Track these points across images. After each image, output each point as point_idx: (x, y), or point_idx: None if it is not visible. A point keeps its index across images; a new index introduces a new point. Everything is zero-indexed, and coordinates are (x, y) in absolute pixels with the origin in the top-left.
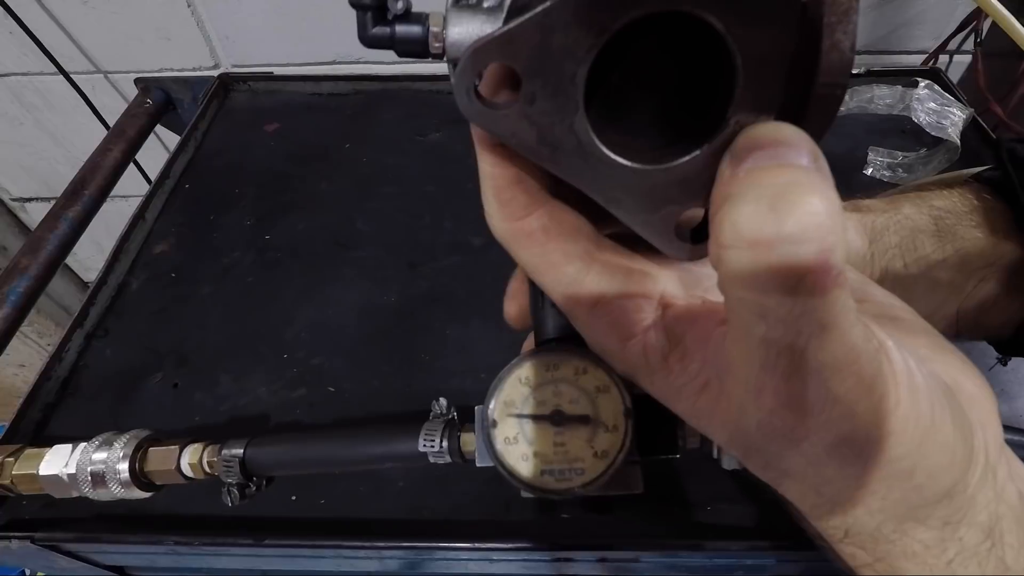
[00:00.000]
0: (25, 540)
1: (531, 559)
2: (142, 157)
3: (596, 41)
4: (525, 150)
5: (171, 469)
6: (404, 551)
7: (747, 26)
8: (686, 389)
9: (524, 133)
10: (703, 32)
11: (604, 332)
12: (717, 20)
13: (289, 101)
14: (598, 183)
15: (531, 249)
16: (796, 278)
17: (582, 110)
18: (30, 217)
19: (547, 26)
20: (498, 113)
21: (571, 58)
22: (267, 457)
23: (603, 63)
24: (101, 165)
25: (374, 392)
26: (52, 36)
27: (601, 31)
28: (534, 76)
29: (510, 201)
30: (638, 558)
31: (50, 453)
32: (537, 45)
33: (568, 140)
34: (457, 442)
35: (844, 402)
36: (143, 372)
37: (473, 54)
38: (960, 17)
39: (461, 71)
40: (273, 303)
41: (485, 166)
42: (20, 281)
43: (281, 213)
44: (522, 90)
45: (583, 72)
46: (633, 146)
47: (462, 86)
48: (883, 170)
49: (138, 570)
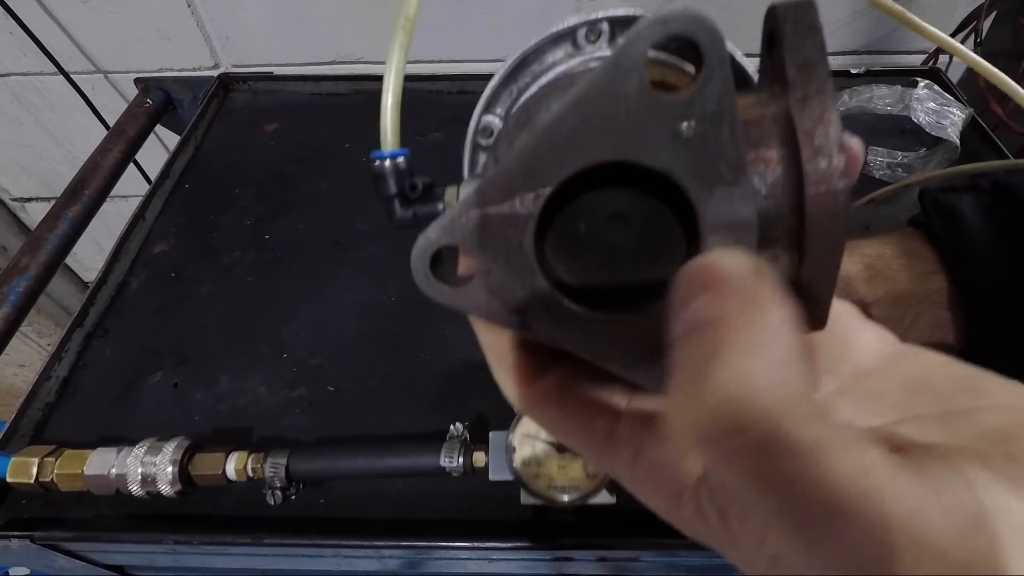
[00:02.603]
0: (25, 540)
1: (531, 558)
2: (142, 157)
3: (534, 207)
4: (497, 321)
5: (217, 473)
6: (403, 550)
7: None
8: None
9: (490, 304)
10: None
11: (652, 489)
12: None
13: (289, 101)
14: (580, 342)
15: (552, 412)
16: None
17: (539, 274)
18: (30, 217)
19: (480, 202)
20: (460, 290)
21: (513, 227)
22: (308, 465)
23: (557, 209)
24: (101, 165)
25: (374, 392)
26: (52, 36)
27: (536, 197)
28: (483, 250)
29: (517, 367)
30: (638, 558)
31: (94, 455)
32: (476, 223)
33: (534, 304)
34: (470, 459)
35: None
36: (143, 372)
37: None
38: (960, 17)
39: (414, 258)
40: (273, 303)
41: (483, 337)
42: (20, 281)
43: (281, 213)
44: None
45: (529, 239)
46: (615, 296)
47: (419, 271)
48: (883, 170)
49: (138, 570)
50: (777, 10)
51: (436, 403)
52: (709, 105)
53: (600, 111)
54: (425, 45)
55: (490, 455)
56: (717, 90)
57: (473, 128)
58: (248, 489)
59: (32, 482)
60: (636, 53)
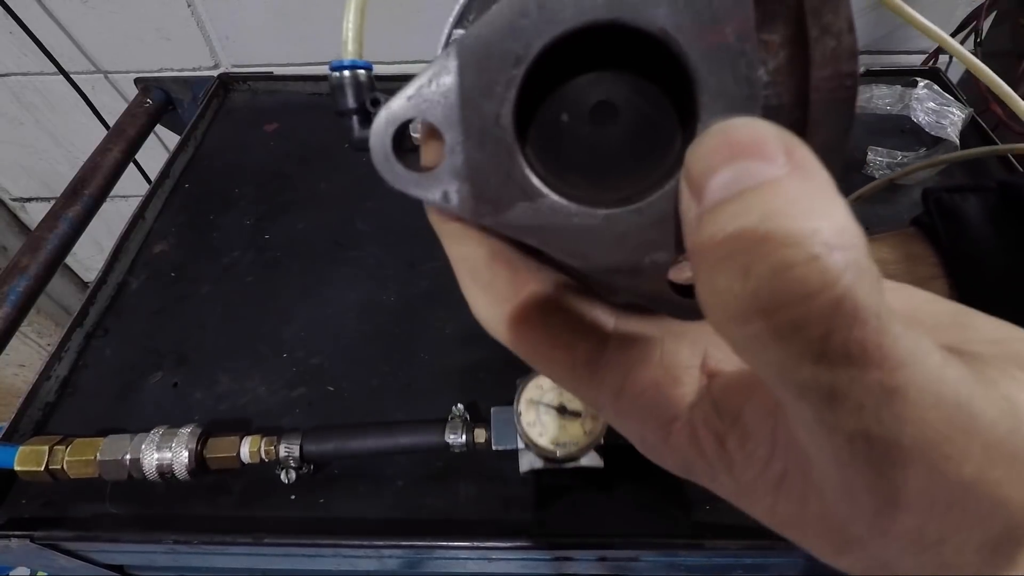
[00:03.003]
0: (25, 539)
1: (530, 558)
2: (142, 157)
3: (515, 73)
4: (464, 213)
5: (232, 455)
6: (403, 550)
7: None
8: (758, 486)
9: (459, 193)
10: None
11: (639, 419)
12: (653, 27)
13: (289, 101)
14: (558, 240)
15: (529, 335)
16: (818, 343)
17: (517, 154)
18: (30, 217)
19: (451, 68)
20: (426, 176)
21: (489, 97)
22: (320, 446)
23: (538, 97)
24: (101, 165)
25: (373, 391)
26: (52, 36)
27: (517, 61)
28: (453, 125)
29: (491, 283)
30: (638, 557)
31: (106, 442)
32: (447, 90)
33: (509, 192)
34: (472, 435)
35: (986, 483)
36: (143, 371)
37: (384, 115)
38: (960, 17)
39: (373, 134)
40: (273, 302)
41: (451, 249)
42: (20, 281)
43: (281, 213)
44: (446, 145)
45: (508, 111)
46: (597, 189)
47: (379, 151)
48: (883, 170)
49: (137, 569)
50: None
51: (436, 403)
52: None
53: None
54: (425, 45)
55: (492, 429)
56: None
57: (444, 42)
58: (250, 487)
59: (42, 469)
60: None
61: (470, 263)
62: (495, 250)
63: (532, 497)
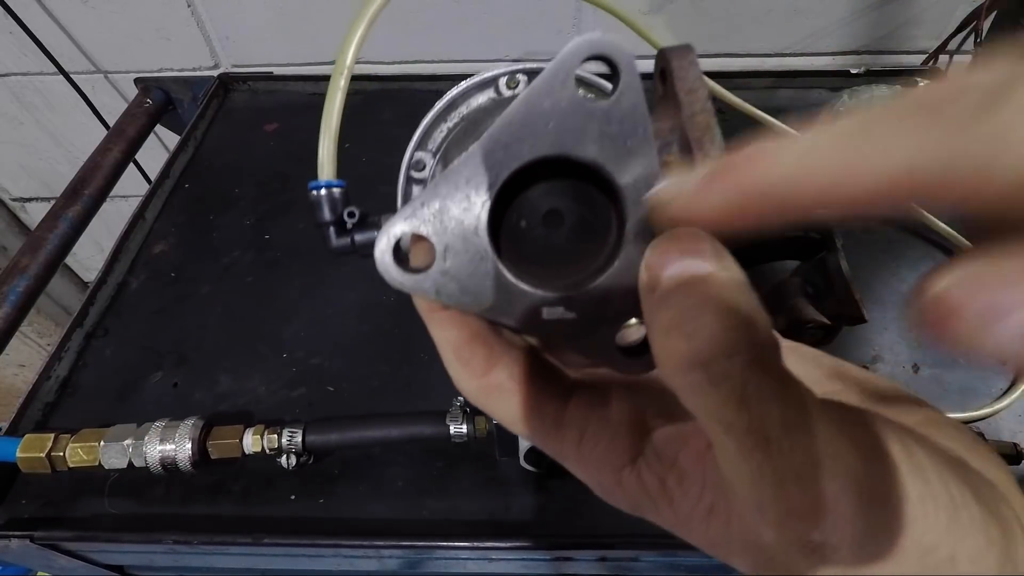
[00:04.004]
0: (25, 539)
1: (530, 558)
2: (142, 157)
3: (488, 196)
4: (451, 302)
5: (235, 442)
6: (403, 550)
7: (616, 154)
8: (694, 516)
9: (447, 287)
10: (586, 167)
11: (595, 467)
12: (586, 158)
13: (289, 101)
14: (526, 318)
15: (504, 401)
16: (739, 388)
17: (492, 255)
18: (30, 217)
19: (441, 195)
20: (420, 277)
21: (469, 214)
22: (323, 436)
23: (509, 201)
24: (101, 165)
25: (373, 391)
26: (52, 36)
27: (490, 187)
28: (441, 236)
29: (471, 359)
30: (638, 557)
31: (111, 430)
32: (437, 211)
33: (486, 285)
34: (472, 424)
35: (846, 498)
36: (143, 371)
37: (385, 228)
38: (960, 17)
39: (377, 246)
40: (272, 303)
41: (437, 333)
42: (20, 281)
43: (281, 213)
44: (436, 250)
45: (484, 224)
46: (560, 273)
47: (384, 259)
48: None
49: (137, 569)
50: (666, 51)
51: (436, 403)
52: (626, 111)
53: (541, 114)
54: (425, 45)
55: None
56: (632, 99)
57: (407, 163)
58: (250, 487)
59: (43, 455)
60: (568, 67)
61: (453, 344)
62: (474, 332)
63: (532, 497)
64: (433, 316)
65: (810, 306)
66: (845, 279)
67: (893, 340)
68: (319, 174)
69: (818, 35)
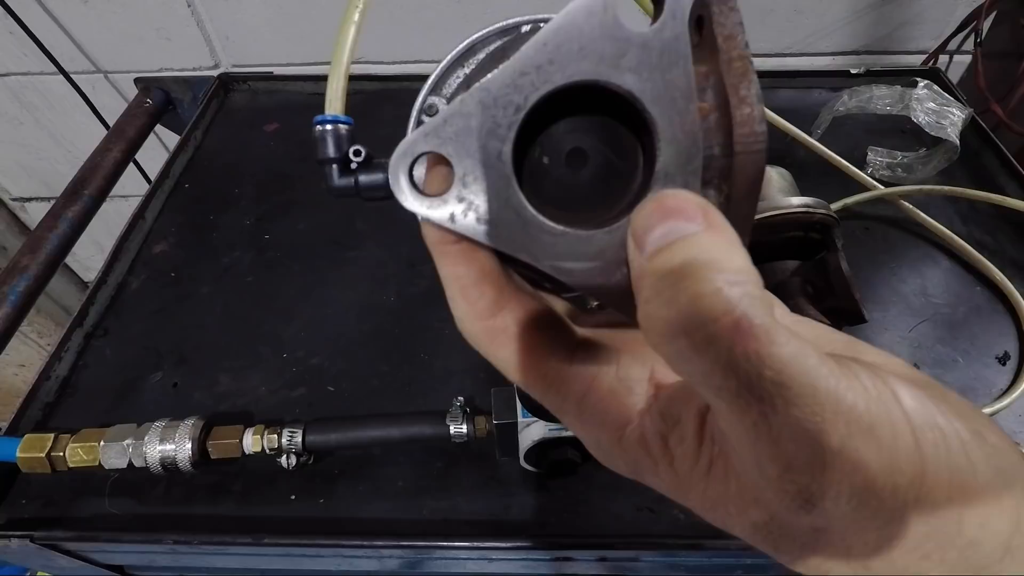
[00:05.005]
0: (25, 539)
1: (530, 558)
2: (142, 157)
3: (515, 118)
4: (467, 231)
5: (235, 442)
6: (403, 550)
7: (654, 86)
8: (693, 475)
9: (463, 216)
10: (618, 100)
11: (597, 424)
12: (623, 87)
13: (289, 101)
14: (545, 255)
15: (507, 347)
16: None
17: (514, 184)
18: (30, 217)
19: (465, 113)
20: (436, 200)
21: (494, 137)
22: (323, 435)
23: (532, 136)
24: (101, 165)
25: (373, 391)
26: (52, 36)
27: (517, 109)
28: (463, 158)
29: (477, 300)
30: (638, 558)
31: (111, 430)
32: (460, 130)
33: (505, 215)
34: (472, 424)
35: (845, 451)
36: (143, 371)
37: (404, 147)
38: (960, 17)
39: (394, 165)
40: (272, 303)
41: (445, 269)
42: (20, 281)
43: (281, 213)
44: (455, 174)
45: (508, 149)
46: (579, 214)
47: (398, 179)
48: (882, 170)
49: (137, 569)
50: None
51: (435, 403)
52: (667, 42)
53: (578, 37)
54: (425, 45)
55: (493, 406)
56: (675, 29)
57: (418, 107)
58: (250, 487)
59: (43, 455)
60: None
61: (461, 281)
62: (484, 270)
63: (532, 497)
64: (443, 249)
65: (810, 306)
66: (845, 279)
67: (893, 340)
68: (326, 108)
69: (818, 35)
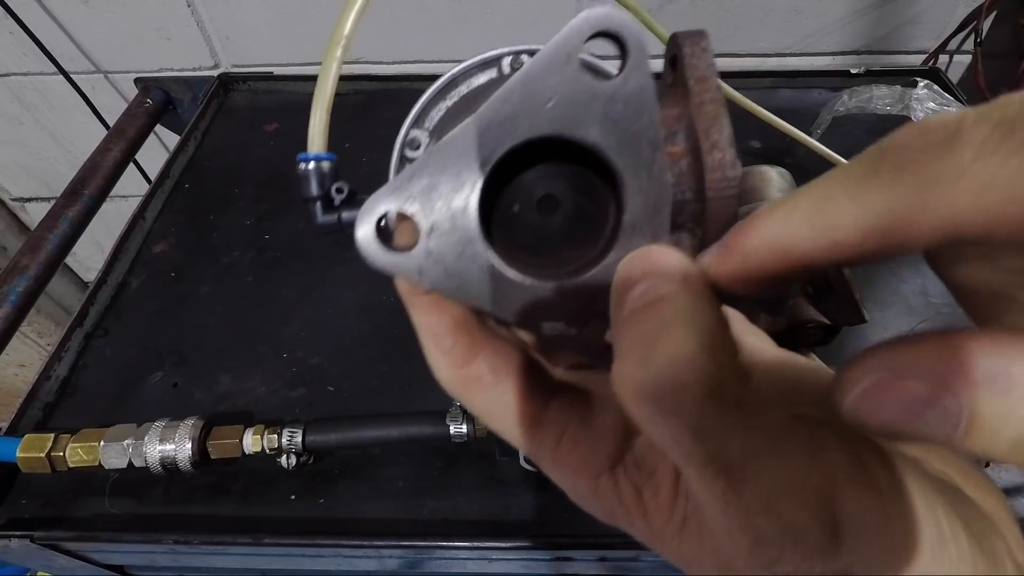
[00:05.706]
0: (25, 539)
1: (530, 558)
2: (142, 157)
3: (479, 174)
4: (437, 287)
5: (235, 442)
6: (403, 550)
7: (619, 138)
8: (667, 530)
9: (431, 270)
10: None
11: (572, 471)
12: (587, 140)
13: (289, 101)
14: (513, 310)
15: (483, 394)
16: (696, 420)
17: (480, 239)
18: (30, 217)
19: (431, 169)
20: (403, 256)
21: (459, 193)
22: (323, 435)
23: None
24: (101, 165)
25: (373, 391)
26: (52, 36)
27: (483, 164)
28: (428, 215)
29: (452, 349)
30: (638, 557)
31: (111, 430)
32: (425, 187)
33: (472, 270)
34: (472, 424)
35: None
36: (143, 371)
37: (369, 203)
38: (960, 17)
39: (359, 222)
40: (273, 303)
41: (418, 318)
42: (20, 281)
43: (281, 213)
44: (421, 229)
45: (474, 204)
46: (552, 259)
47: (365, 235)
48: None
49: (137, 569)
50: (678, 36)
51: (436, 403)
52: (632, 92)
53: (541, 91)
54: (425, 45)
55: None
56: (639, 80)
57: (401, 140)
58: (250, 487)
59: (43, 455)
60: (572, 43)
61: (434, 331)
62: (456, 320)
63: (532, 497)
64: (415, 300)
65: (810, 306)
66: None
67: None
68: (308, 147)
69: (818, 35)
